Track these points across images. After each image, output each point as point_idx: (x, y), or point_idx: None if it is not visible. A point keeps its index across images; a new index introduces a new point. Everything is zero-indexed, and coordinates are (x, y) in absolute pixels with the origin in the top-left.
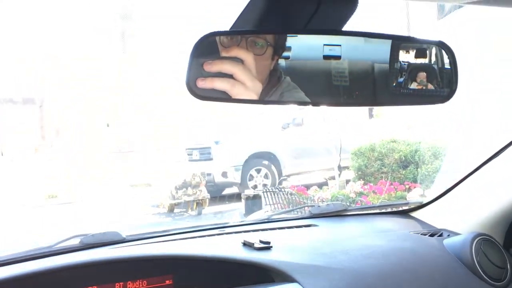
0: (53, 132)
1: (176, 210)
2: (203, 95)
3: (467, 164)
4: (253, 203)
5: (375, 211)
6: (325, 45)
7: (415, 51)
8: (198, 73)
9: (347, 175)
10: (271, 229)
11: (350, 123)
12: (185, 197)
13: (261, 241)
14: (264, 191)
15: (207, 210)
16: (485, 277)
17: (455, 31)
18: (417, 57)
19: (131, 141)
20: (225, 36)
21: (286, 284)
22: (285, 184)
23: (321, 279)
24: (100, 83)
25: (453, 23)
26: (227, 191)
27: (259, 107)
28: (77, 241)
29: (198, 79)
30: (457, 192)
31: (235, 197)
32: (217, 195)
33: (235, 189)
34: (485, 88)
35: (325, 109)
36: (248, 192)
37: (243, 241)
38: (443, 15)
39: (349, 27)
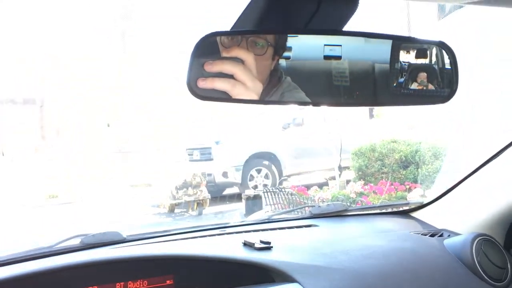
0: (53, 132)
1: (176, 210)
2: (203, 95)
3: (468, 164)
4: (254, 203)
5: (376, 211)
6: (325, 45)
7: (415, 51)
8: (198, 73)
9: (348, 175)
10: (271, 229)
11: (350, 123)
12: (186, 197)
13: (262, 241)
14: (264, 191)
15: (207, 210)
16: (485, 277)
17: (455, 31)
18: (417, 57)
19: (131, 141)
20: (226, 36)
21: (286, 284)
22: (285, 184)
23: (321, 279)
24: (100, 83)
25: (454, 23)
26: (228, 191)
27: (259, 107)
28: (77, 241)
29: (198, 79)
30: (457, 192)
31: (236, 197)
32: (218, 195)
33: (235, 189)
34: (485, 88)
35: (325, 109)
36: (248, 192)
37: (243, 241)
38: (443, 15)
39: (349, 27)
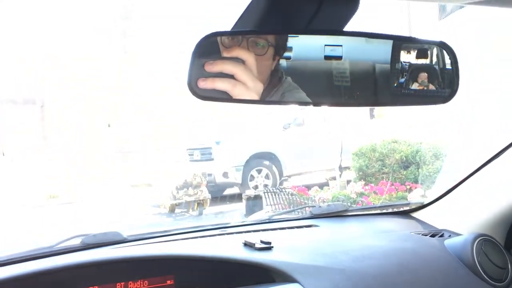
0: (54, 132)
1: (177, 210)
2: (204, 95)
3: (468, 164)
4: (254, 203)
5: (376, 212)
6: (326, 45)
7: (416, 51)
8: (199, 73)
9: (348, 175)
10: (272, 230)
11: (351, 123)
12: (186, 197)
13: (262, 241)
14: (265, 191)
15: (208, 210)
16: (486, 277)
17: (456, 31)
18: (418, 57)
19: (132, 141)
20: (226, 36)
21: (287, 284)
22: (286, 184)
23: (322, 280)
24: (100, 83)
25: (454, 23)
26: (228, 191)
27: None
28: (78, 241)
29: (199, 79)
30: (458, 192)
31: (236, 198)
32: (218, 195)
33: (236, 190)
34: (485, 88)
35: (326, 110)
36: (249, 192)
37: (244, 241)
38: (444, 15)
39: (350, 28)
